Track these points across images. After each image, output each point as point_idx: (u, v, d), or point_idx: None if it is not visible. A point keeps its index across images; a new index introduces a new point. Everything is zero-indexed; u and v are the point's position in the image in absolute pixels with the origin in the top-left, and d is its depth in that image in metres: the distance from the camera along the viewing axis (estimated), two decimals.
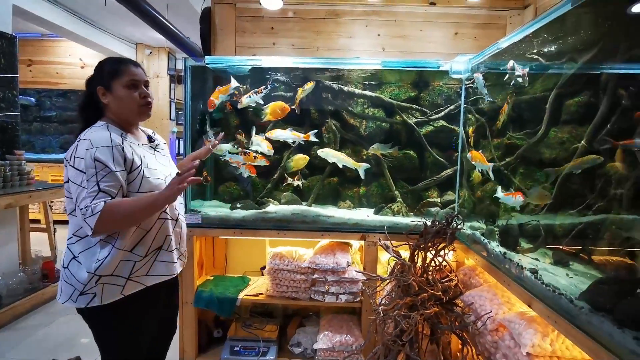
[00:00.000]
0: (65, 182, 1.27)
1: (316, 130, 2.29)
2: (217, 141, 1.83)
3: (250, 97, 2.26)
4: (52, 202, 5.11)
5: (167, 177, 1.38)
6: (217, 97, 2.24)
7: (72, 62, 6.14)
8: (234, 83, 2.24)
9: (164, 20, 3.72)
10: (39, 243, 3.76)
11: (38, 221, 5.22)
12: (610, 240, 1.17)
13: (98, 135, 1.24)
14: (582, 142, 1.23)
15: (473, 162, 1.91)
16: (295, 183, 2.36)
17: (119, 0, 3.01)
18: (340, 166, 2.30)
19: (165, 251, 1.36)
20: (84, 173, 1.18)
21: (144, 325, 1.38)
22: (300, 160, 2.36)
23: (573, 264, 1.33)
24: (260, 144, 2.28)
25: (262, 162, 2.28)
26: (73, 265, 1.26)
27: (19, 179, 3.07)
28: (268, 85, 2.29)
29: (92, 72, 1.34)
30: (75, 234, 1.27)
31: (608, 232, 1.19)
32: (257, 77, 2.44)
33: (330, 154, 2.29)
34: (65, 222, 4.29)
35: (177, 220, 1.43)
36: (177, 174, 1.24)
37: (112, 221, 1.17)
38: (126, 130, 1.35)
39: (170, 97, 6.55)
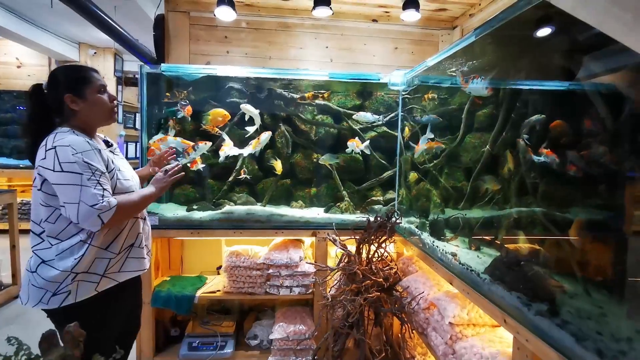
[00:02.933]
0: (38, 190, 1.29)
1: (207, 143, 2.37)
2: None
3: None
4: None
5: (133, 177, 1.48)
6: (158, 147, 2.29)
7: (8, 61, 5.75)
8: (171, 141, 2.31)
9: (113, 23, 3.68)
10: None
11: None
12: (507, 229, 1.46)
13: (74, 140, 1.27)
14: (487, 146, 1.51)
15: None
16: (242, 176, 2.51)
17: (65, 2, 2.97)
18: (258, 122, 2.46)
19: (137, 248, 1.46)
20: (82, 174, 1.23)
21: (111, 321, 1.43)
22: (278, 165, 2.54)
23: (483, 248, 1.62)
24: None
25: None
26: (43, 268, 1.27)
27: None
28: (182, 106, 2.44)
29: (31, 80, 1.42)
30: (51, 236, 1.29)
31: (507, 222, 1.48)
32: (212, 84, 2.55)
33: (249, 110, 2.43)
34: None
35: (144, 219, 1.55)
36: (165, 170, 1.46)
37: (123, 215, 1.31)
38: (89, 136, 1.38)
39: (117, 100, 6.35)
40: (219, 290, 2.39)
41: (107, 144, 1.51)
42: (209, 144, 2.36)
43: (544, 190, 1.22)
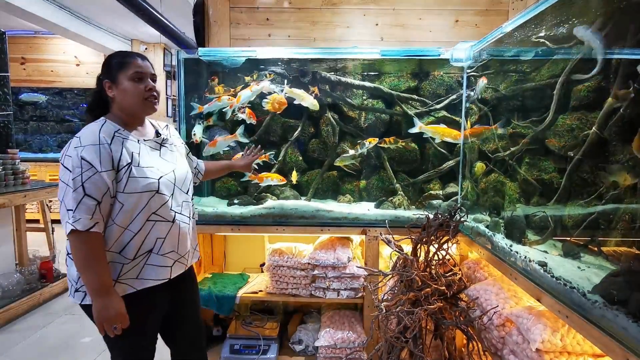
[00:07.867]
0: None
1: None
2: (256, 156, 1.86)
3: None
4: (50, 201, 5.06)
5: (166, 175, 1.30)
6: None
7: (67, 59, 6.06)
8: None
9: (158, 15, 3.64)
10: (38, 243, 3.72)
11: (37, 221, 5.19)
12: (624, 231, 1.11)
13: (87, 132, 1.21)
14: (594, 128, 1.17)
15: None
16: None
17: None
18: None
19: (157, 255, 1.29)
20: (71, 172, 1.16)
21: (143, 326, 1.31)
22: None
23: (584, 256, 1.28)
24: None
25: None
26: (69, 262, 1.25)
27: (13, 179, 3.02)
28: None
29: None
30: None
31: (622, 222, 1.13)
32: (253, 69, 2.38)
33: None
34: None
35: (173, 221, 1.32)
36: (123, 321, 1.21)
37: (74, 246, 1.16)
38: (129, 125, 1.30)
39: (166, 94, 6.48)
40: (261, 291, 2.23)
41: (157, 134, 1.39)
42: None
43: None
